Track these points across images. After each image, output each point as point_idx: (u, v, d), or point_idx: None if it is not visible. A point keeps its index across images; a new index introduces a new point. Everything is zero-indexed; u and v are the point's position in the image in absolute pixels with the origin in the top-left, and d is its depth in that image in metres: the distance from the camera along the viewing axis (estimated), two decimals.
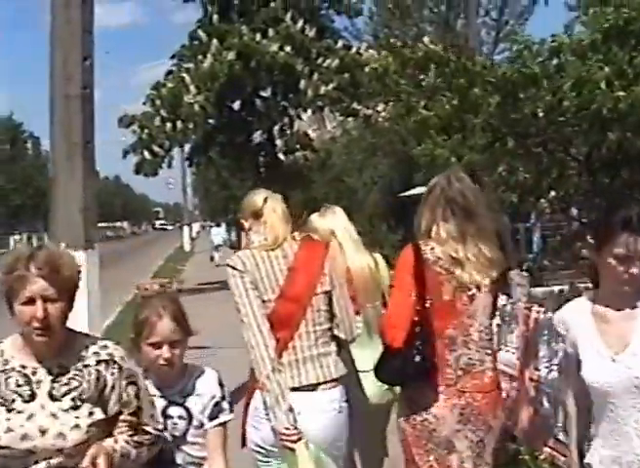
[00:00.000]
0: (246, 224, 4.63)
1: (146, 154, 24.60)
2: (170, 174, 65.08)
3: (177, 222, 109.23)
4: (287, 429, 4.04)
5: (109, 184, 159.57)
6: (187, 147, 28.89)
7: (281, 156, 27.42)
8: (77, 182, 9.13)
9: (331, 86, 24.38)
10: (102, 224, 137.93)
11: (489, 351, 4.37)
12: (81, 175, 9.15)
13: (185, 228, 60.55)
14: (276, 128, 26.88)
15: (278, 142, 27.43)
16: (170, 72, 25.91)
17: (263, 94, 26.34)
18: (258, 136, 27.32)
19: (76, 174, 9.15)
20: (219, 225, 48.92)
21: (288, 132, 26.79)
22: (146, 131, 24.48)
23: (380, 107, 26.41)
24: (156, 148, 24.49)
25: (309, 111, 26.47)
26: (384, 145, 29.33)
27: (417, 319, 4.18)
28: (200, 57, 24.57)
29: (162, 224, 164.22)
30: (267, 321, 4.17)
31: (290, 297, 4.24)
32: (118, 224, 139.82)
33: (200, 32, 25.58)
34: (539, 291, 13.01)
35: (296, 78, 24.61)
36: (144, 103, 25.13)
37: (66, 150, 9.18)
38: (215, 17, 25.54)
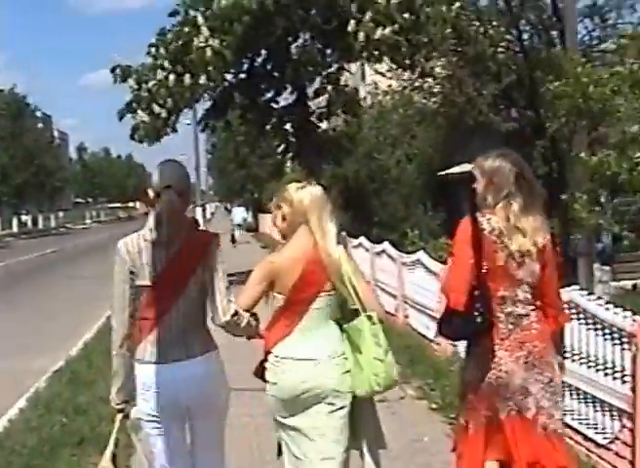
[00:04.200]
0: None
1: (144, 115, 19.84)
2: (182, 151, 61.59)
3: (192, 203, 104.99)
4: (115, 403, 4.88)
5: (122, 164, 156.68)
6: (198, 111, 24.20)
7: (315, 120, 22.11)
8: None
9: (388, 29, 18.63)
10: (115, 205, 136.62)
11: (533, 307, 4.85)
12: None
13: (198, 209, 55.92)
14: (315, 83, 21.54)
15: (313, 104, 22.36)
16: (175, 12, 20.49)
17: (299, 39, 20.73)
18: (287, 96, 22.13)
19: None
20: (240, 205, 50.22)
21: (329, 88, 21.40)
22: (145, 86, 19.74)
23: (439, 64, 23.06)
24: (157, 108, 19.62)
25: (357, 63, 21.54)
26: (435, 112, 25.83)
27: (475, 283, 4.66)
28: None
29: None
30: (144, 303, 4.73)
31: (164, 284, 4.70)
32: (131, 205, 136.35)
33: None
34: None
35: (343, 18, 19.26)
36: (148, 53, 20.22)
37: None
38: None
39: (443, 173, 31.07)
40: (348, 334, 4.96)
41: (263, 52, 21.05)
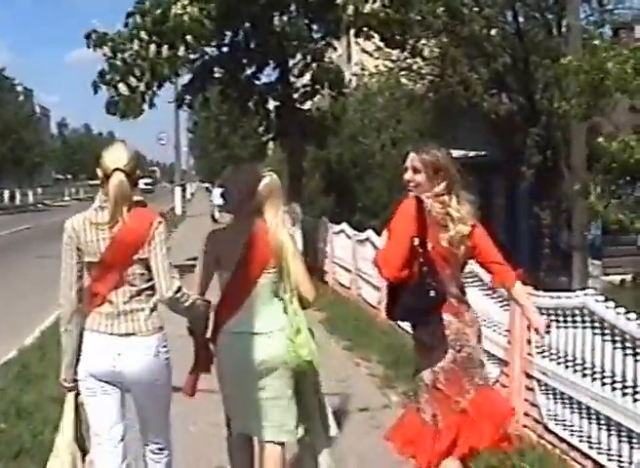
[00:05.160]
0: None
1: (121, 87, 18.35)
2: (163, 128, 60.46)
3: (172, 182, 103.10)
4: (64, 380, 5.14)
5: (103, 141, 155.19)
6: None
7: (298, 98, 20.73)
8: None
9: (378, 3, 17.48)
10: (95, 182, 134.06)
11: (462, 282, 5.36)
12: None
13: (177, 189, 54.63)
14: (297, 58, 20.24)
15: (297, 82, 21.09)
16: None
17: (284, 11, 19.08)
18: (269, 72, 20.88)
19: None
20: (220, 186, 45.65)
21: (314, 65, 20.09)
22: (120, 56, 18.35)
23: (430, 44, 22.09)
24: (133, 80, 18.21)
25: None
26: (423, 95, 24.86)
27: (422, 260, 4.90)
28: None
29: (147, 184, 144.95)
30: (92, 278, 4.97)
31: (108, 262, 4.88)
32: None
33: None
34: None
35: None
36: (126, 23, 18.73)
37: None
38: None
39: None
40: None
41: (246, 24, 19.80)
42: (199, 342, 5.39)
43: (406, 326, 11.63)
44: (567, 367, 6.68)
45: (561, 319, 6.77)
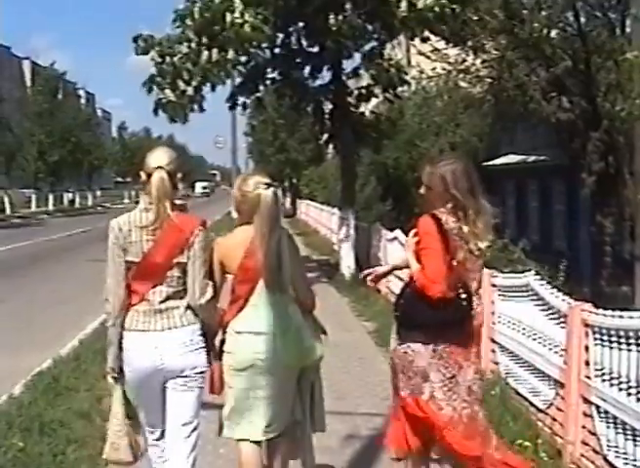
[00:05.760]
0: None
1: (168, 92, 18.18)
2: (218, 132, 60.35)
3: (231, 186, 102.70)
4: (111, 369, 5.28)
5: (162, 144, 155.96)
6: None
7: (353, 101, 20.33)
8: None
9: None
10: None
11: (476, 301, 5.37)
12: None
13: (234, 190, 54.39)
14: (353, 58, 19.72)
15: (353, 84, 20.65)
16: None
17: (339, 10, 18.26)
18: (325, 73, 20.28)
19: None
20: None
21: (373, 65, 19.50)
22: (169, 60, 18.02)
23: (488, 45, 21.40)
24: (181, 84, 17.99)
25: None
26: (482, 99, 24.18)
27: (451, 274, 5.11)
28: None
29: (204, 188, 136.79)
30: (132, 277, 5.16)
31: (149, 263, 5.12)
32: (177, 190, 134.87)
33: None
34: None
35: None
36: (174, 22, 18.28)
37: None
38: None
39: (488, 163, 29.82)
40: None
41: (300, 24, 19.36)
42: (212, 344, 5.47)
43: None
44: (629, 394, 6.05)
45: (623, 340, 6.14)
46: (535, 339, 8.12)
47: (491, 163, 30.19)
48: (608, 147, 19.70)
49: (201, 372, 5.28)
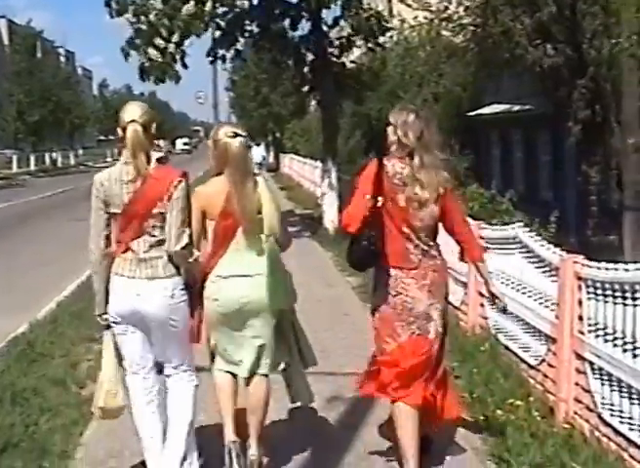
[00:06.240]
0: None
1: (151, 51, 17.85)
2: (201, 88, 59.70)
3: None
4: (99, 316, 5.59)
5: (145, 102, 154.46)
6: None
7: (335, 52, 20.03)
8: None
9: None
10: None
11: (431, 243, 5.65)
12: None
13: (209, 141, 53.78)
14: (334, 8, 19.33)
15: (334, 34, 20.29)
16: None
17: None
18: (305, 24, 19.90)
19: None
20: (258, 145, 49.03)
21: (352, 12, 19.27)
22: (144, 18, 17.72)
23: None
24: (161, 42, 17.73)
25: None
26: (465, 47, 23.70)
27: (371, 215, 5.41)
28: None
29: (185, 144, 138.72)
30: (116, 228, 5.43)
31: (130, 214, 5.36)
32: (154, 142, 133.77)
33: None
34: None
35: None
36: None
37: None
38: None
39: (472, 113, 29.54)
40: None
41: None
42: (194, 293, 5.61)
43: None
44: (625, 350, 5.77)
45: (619, 294, 5.85)
46: (524, 293, 7.85)
47: (475, 113, 29.87)
48: (594, 95, 19.33)
49: (180, 320, 5.46)
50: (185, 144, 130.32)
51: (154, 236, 5.40)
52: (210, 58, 21.11)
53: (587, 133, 19.45)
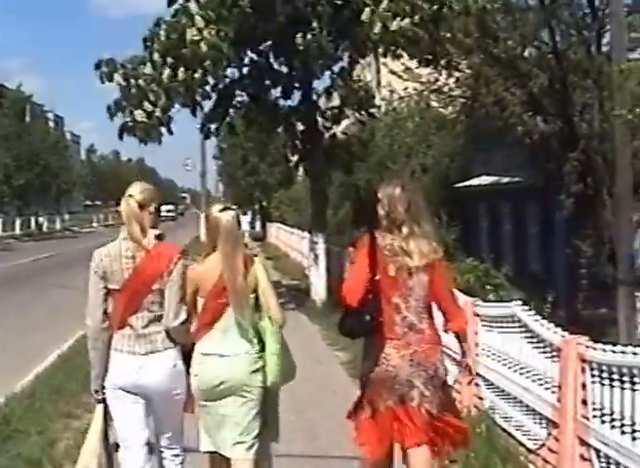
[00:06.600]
0: None
1: (137, 113, 17.68)
2: (189, 155, 59.74)
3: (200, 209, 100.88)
4: (95, 391, 5.68)
5: (132, 167, 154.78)
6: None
7: (324, 122, 19.97)
8: None
9: (407, 20, 16.28)
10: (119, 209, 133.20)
11: (423, 316, 5.71)
12: None
13: (203, 216, 53.80)
14: (324, 80, 19.35)
15: (322, 105, 20.30)
16: (173, 0, 18.03)
17: (306, 29, 17.64)
18: (296, 94, 19.84)
19: None
20: (245, 214, 50.35)
21: (341, 84, 19.23)
22: (133, 82, 17.55)
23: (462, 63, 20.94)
24: (148, 106, 17.52)
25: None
26: (455, 119, 23.72)
27: (369, 288, 5.57)
28: None
29: (168, 211, 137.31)
30: (115, 303, 5.55)
31: (129, 290, 5.50)
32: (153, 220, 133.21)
33: None
34: None
35: (356, 5, 16.96)
36: (145, 48, 17.86)
37: None
38: None
39: (461, 184, 29.44)
40: (258, 332, 5.74)
41: (267, 43, 18.82)
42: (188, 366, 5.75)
43: None
44: (634, 438, 5.45)
45: (627, 378, 5.55)
46: (522, 374, 7.54)
47: (463, 184, 29.78)
48: (585, 168, 19.25)
49: (180, 393, 5.63)
50: (169, 212, 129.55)
51: (152, 311, 5.52)
52: (203, 134, 21.07)
53: (579, 205, 19.33)
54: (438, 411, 5.65)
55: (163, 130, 18.44)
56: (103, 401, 5.64)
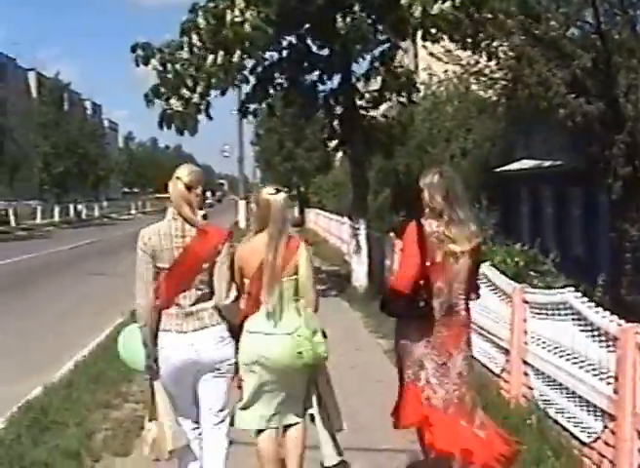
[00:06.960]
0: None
1: (174, 101, 17.35)
2: (226, 141, 59.73)
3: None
4: (148, 367, 5.75)
5: (169, 154, 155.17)
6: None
7: (364, 105, 19.64)
8: None
9: (448, 3, 15.93)
10: (162, 195, 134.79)
11: (463, 297, 6.01)
12: None
13: (241, 203, 53.53)
14: (364, 64, 18.88)
15: (364, 88, 19.87)
16: None
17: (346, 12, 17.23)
18: (335, 77, 19.40)
19: None
20: None
21: (382, 69, 18.91)
22: (171, 67, 17.18)
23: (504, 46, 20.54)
24: (186, 92, 17.18)
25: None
26: (496, 102, 23.36)
27: (420, 275, 5.79)
28: None
29: (205, 199, 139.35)
30: (163, 282, 5.64)
31: (179, 269, 5.61)
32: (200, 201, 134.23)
33: None
34: None
35: None
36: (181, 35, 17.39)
37: None
38: None
39: (501, 168, 29.08)
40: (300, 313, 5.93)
41: (307, 26, 18.56)
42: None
43: (484, 360, 10.29)
44: None
45: None
46: (575, 363, 7.25)
47: (504, 168, 29.41)
48: (631, 151, 18.83)
49: (231, 363, 5.80)
50: (206, 199, 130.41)
51: (200, 289, 5.66)
52: (240, 113, 20.78)
53: (626, 188, 18.92)
54: (431, 402, 5.90)
55: (201, 117, 18.13)
56: (158, 377, 5.74)
